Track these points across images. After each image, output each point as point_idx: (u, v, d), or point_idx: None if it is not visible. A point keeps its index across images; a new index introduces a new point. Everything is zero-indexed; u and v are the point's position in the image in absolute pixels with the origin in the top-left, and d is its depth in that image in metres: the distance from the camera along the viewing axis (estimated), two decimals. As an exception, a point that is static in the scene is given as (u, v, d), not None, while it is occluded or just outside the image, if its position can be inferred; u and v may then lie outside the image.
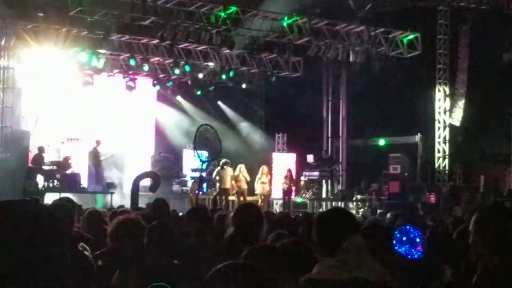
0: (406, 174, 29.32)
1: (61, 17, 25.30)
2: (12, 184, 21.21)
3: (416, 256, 5.89)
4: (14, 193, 19.54)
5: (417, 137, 30.45)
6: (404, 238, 5.86)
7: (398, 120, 29.57)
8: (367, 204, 29.66)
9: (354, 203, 29.59)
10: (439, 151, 30.09)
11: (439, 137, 30.09)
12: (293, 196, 29.93)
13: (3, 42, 24.64)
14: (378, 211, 28.31)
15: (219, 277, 2.87)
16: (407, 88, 28.50)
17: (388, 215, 20.11)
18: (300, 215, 13.71)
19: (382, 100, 29.13)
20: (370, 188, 30.24)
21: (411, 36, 29.13)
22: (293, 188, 29.58)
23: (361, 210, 28.72)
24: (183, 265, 6.03)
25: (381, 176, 30.34)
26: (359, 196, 30.06)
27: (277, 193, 29.85)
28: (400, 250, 5.86)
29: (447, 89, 29.85)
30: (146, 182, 21.69)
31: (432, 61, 29.59)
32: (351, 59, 28.87)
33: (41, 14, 25.84)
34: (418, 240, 5.88)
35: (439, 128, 30.10)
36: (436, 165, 30.11)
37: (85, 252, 6.40)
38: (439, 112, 30.04)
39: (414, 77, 28.99)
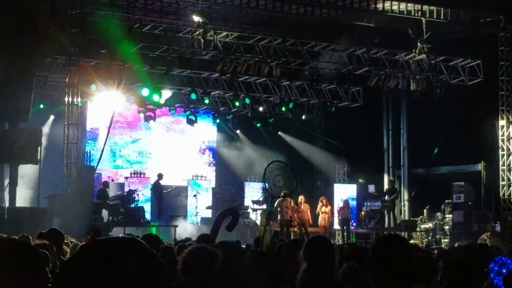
0: (470, 203, 28.88)
1: (123, 54, 25.69)
2: (78, 220, 21.46)
3: None
4: (81, 229, 19.76)
5: (480, 165, 30.02)
6: (504, 270, 5.76)
7: (460, 148, 29.22)
8: (431, 234, 29.29)
9: (418, 233, 29.23)
10: (503, 179, 29.55)
11: (503, 164, 29.56)
12: (352, 227, 29.80)
13: (67, 79, 25.10)
14: (443, 241, 27.96)
15: None
16: (469, 116, 28.19)
17: (456, 244, 19.96)
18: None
19: (444, 129, 28.86)
20: (434, 217, 29.87)
21: (472, 63, 28.93)
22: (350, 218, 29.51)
23: (425, 240, 28.35)
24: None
25: (444, 205, 29.94)
26: (422, 226, 29.70)
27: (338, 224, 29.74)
28: (500, 283, 5.76)
29: (510, 116, 29.42)
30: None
31: (495, 88, 29.19)
32: (411, 87, 28.69)
33: (103, 51, 26.29)
34: None
35: (502, 155, 29.58)
36: (501, 193, 29.59)
37: None
38: (503, 140, 29.57)
39: (476, 104, 28.66)
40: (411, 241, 24.66)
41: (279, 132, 34.01)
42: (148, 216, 27.39)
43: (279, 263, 7.79)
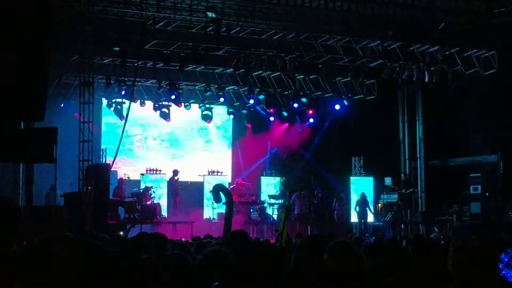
0: (487, 194, 28.74)
1: (137, 51, 25.66)
2: (94, 218, 21.51)
3: None
4: (96, 227, 19.81)
5: (497, 156, 29.85)
6: None
7: (476, 139, 29.06)
8: (448, 225, 29.17)
9: (435, 225, 29.13)
10: (520, 170, 29.37)
11: (519, 155, 29.37)
12: (370, 220, 29.76)
13: (82, 77, 25.09)
14: (461, 233, 27.85)
15: None
16: (484, 107, 28.01)
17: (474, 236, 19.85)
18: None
19: (459, 120, 28.69)
20: (451, 209, 29.72)
21: (487, 54, 28.72)
22: (369, 211, 29.52)
23: (444, 232, 28.25)
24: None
25: (461, 197, 29.80)
26: (439, 218, 29.58)
27: (355, 217, 29.71)
28: (509, 274, 5.63)
29: (526, 106, 29.18)
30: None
31: (510, 79, 28.98)
32: (426, 79, 28.54)
33: (116, 49, 26.24)
34: None
35: (519, 146, 29.39)
36: (518, 184, 29.41)
37: None
38: (519, 129, 29.36)
39: (492, 95, 28.45)
40: (431, 235, 24.61)
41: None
42: (164, 212, 27.40)
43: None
